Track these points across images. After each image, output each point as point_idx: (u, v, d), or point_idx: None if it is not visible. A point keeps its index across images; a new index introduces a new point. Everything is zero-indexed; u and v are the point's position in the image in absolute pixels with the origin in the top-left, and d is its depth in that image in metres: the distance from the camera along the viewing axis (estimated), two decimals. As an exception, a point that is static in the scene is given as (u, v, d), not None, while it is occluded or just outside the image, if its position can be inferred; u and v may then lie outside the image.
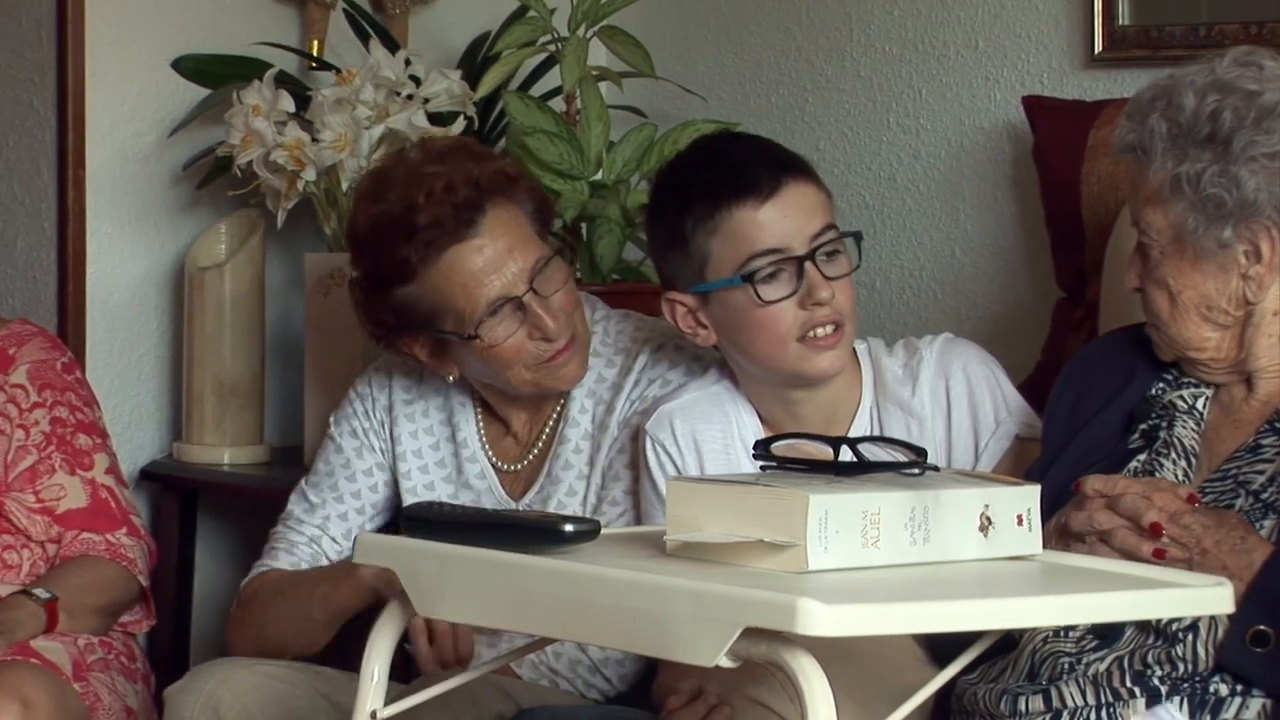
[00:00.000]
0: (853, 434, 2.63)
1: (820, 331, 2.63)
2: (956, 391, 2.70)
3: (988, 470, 2.62)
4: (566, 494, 2.84)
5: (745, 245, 2.61)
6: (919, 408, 2.69)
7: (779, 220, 2.61)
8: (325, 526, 2.92)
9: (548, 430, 2.88)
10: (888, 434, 2.63)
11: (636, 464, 2.79)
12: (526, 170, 2.86)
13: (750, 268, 2.61)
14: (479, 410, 2.92)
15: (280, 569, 2.90)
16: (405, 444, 2.92)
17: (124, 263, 3.64)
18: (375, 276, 2.78)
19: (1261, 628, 2.21)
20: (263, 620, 2.87)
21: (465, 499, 2.87)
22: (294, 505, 2.95)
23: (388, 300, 2.77)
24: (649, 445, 2.74)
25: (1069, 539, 2.29)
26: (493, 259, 2.73)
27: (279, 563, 2.91)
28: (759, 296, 2.61)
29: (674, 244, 2.67)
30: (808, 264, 2.61)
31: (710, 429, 2.73)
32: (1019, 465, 2.59)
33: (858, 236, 2.67)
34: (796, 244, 2.62)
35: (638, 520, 2.77)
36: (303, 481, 2.96)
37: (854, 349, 2.72)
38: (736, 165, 2.63)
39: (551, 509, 2.82)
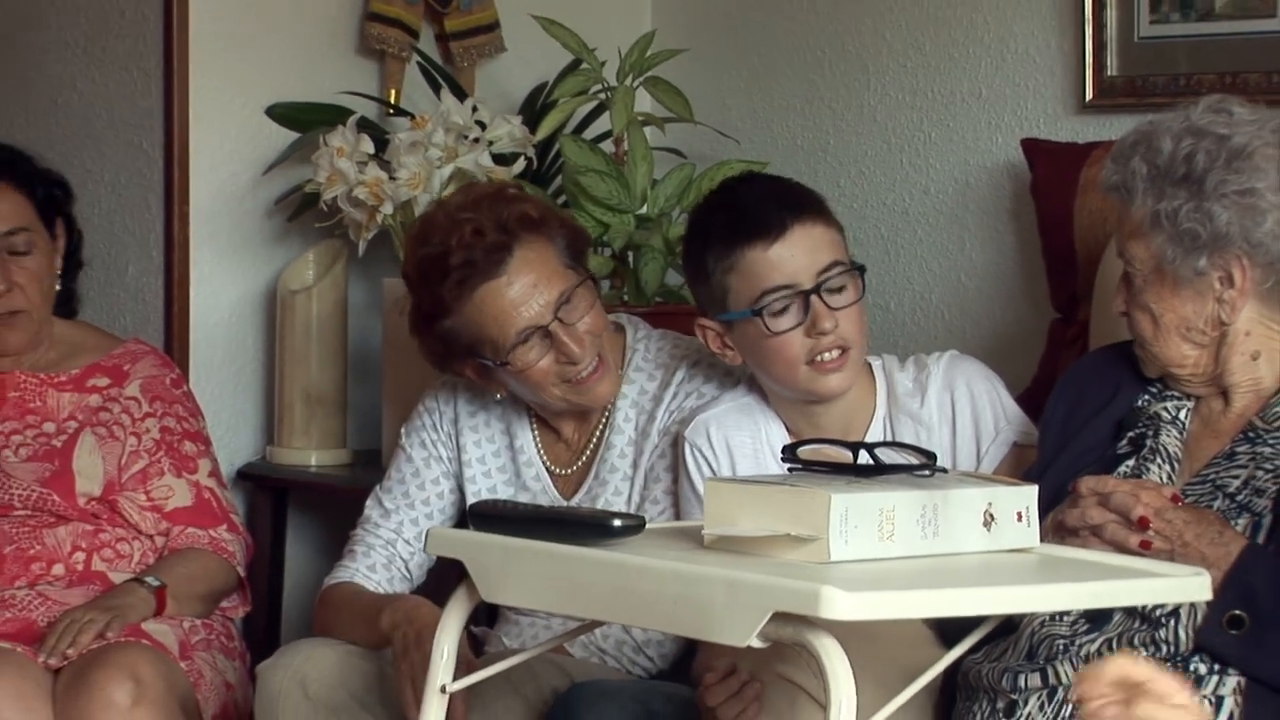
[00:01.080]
0: (868, 440, 2.63)
1: (826, 356, 2.62)
2: (961, 403, 2.69)
3: (988, 473, 2.62)
4: (613, 494, 2.84)
5: (757, 282, 2.60)
6: (927, 417, 2.69)
7: (787, 259, 2.60)
8: (400, 530, 2.90)
9: (595, 437, 2.88)
10: (900, 440, 2.63)
11: (675, 467, 2.79)
12: (555, 210, 2.85)
13: (761, 303, 2.60)
14: (533, 420, 2.91)
15: (350, 581, 2.89)
16: (470, 452, 2.91)
17: (223, 287, 3.65)
18: (421, 311, 2.79)
19: (1237, 612, 2.20)
20: (326, 627, 2.86)
21: (523, 499, 2.88)
22: (370, 510, 2.93)
23: (434, 331, 2.78)
24: (688, 450, 2.74)
25: (1064, 534, 2.28)
26: (520, 293, 2.73)
27: (356, 564, 2.89)
28: (768, 328, 2.60)
29: (699, 277, 2.67)
30: (813, 297, 2.60)
31: (741, 435, 2.73)
32: (1017, 470, 2.58)
33: (861, 270, 2.66)
34: (804, 279, 2.60)
35: (677, 517, 2.77)
36: (377, 488, 2.95)
37: (869, 364, 2.72)
38: (749, 208, 2.62)
39: (599, 507, 2.82)
